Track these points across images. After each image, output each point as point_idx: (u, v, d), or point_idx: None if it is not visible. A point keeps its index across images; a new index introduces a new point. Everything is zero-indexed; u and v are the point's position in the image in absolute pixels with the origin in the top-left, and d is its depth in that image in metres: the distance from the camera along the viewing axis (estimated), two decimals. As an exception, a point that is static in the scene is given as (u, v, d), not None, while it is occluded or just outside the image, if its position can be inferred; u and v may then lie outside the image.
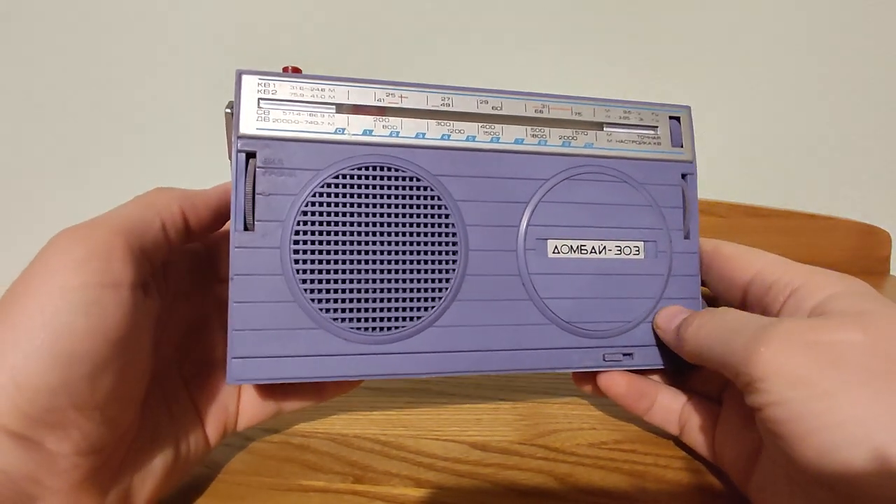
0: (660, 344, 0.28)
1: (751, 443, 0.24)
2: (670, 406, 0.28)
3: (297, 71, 0.27)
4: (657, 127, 0.29)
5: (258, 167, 0.24)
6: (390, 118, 0.26)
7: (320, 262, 0.24)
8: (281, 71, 0.27)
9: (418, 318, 0.25)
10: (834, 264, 0.26)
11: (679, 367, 0.28)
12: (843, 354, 0.19)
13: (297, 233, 0.24)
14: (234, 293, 0.23)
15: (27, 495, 0.18)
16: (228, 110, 0.25)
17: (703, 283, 0.30)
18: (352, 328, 0.24)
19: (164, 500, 0.23)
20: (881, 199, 0.52)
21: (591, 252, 0.27)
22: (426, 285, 0.25)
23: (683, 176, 0.29)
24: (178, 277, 0.25)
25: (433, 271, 0.25)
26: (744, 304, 0.26)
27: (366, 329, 0.24)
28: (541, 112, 0.27)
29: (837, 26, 0.50)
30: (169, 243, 0.23)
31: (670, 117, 0.29)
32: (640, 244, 0.28)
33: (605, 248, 0.28)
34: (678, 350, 0.26)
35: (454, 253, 0.26)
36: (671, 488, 0.25)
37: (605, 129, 0.28)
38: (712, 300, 0.30)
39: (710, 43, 0.50)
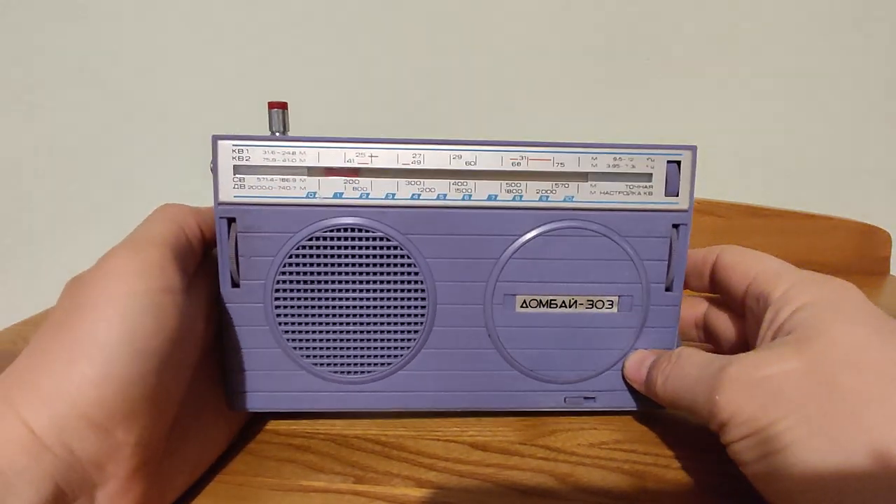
0: (629, 388, 0.29)
1: None
2: None
3: (282, 106, 0.28)
4: (651, 174, 0.27)
5: (238, 232, 0.26)
6: (361, 179, 0.26)
7: (299, 315, 0.27)
8: (267, 109, 0.28)
9: (388, 363, 0.28)
10: (834, 264, 0.26)
11: (654, 406, 0.29)
12: (780, 386, 0.21)
13: (276, 290, 0.27)
14: (228, 342, 0.27)
15: (90, 481, 0.20)
16: (212, 166, 0.27)
17: (712, 292, 0.30)
18: (330, 371, 0.28)
19: None
20: (881, 199, 0.51)
21: (561, 306, 0.28)
22: (396, 336, 0.27)
23: (675, 226, 0.27)
24: (208, 282, 0.27)
25: (402, 324, 0.27)
26: (742, 313, 0.27)
27: (342, 372, 0.28)
28: (518, 164, 0.26)
29: (837, 26, 0.47)
30: (194, 254, 0.26)
31: (668, 161, 0.27)
32: (615, 298, 0.28)
33: (576, 302, 0.28)
34: (657, 401, 0.27)
35: (423, 307, 0.27)
36: (671, 488, 0.25)
37: (589, 179, 0.27)
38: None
39: (710, 42, 0.49)
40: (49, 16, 0.52)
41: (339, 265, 0.26)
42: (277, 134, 0.27)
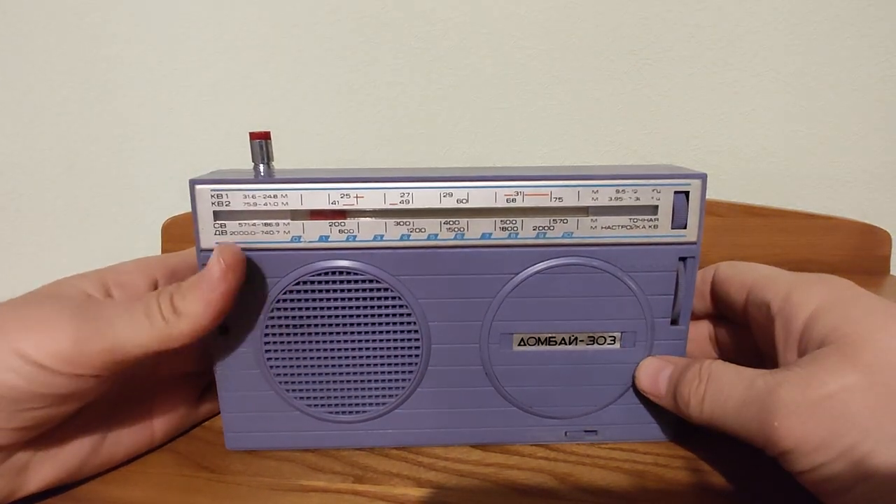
0: (632, 422, 0.28)
1: None
2: None
3: (265, 136, 0.26)
4: (656, 207, 0.25)
5: (223, 278, 0.25)
6: (347, 221, 0.25)
7: (290, 358, 0.26)
8: (250, 136, 0.26)
9: (383, 403, 0.27)
10: (834, 264, 0.26)
11: (658, 438, 0.28)
12: (845, 404, 0.20)
13: (266, 335, 0.26)
14: (220, 385, 0.27)
15: None
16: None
17: (713, 310, 0.29)
18: (324, 411, 0.27)
19: (164, 501, 0.25)
20: (881, 199, 0.50)
21: (561, 343, 0.27)
22: (389, 377, 0.27)
23: (682, 259, 0.26)
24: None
25: (396, 364, 0.27)
26: (747, 325, 0.27)
27: (336, 412, 0.27)
28: (513, 200, 0.24)
29: (837, 25, 0.46)
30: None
31: (676, 192, 0.25)
32: (617, 334, 0.27)
33: (576, 339, 0.27)
34: (683, 417, 0.25)
35: (416, 347, 0.26)
36: (671, 488, 0.25)
37: (589, 214, 0.25)
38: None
39: (710, 42, 0.48)
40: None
41: (329, 308, 0.26)
42: (261, 166, 0.26)
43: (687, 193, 0.25)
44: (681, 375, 0.25)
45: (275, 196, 0.24)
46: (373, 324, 0.26)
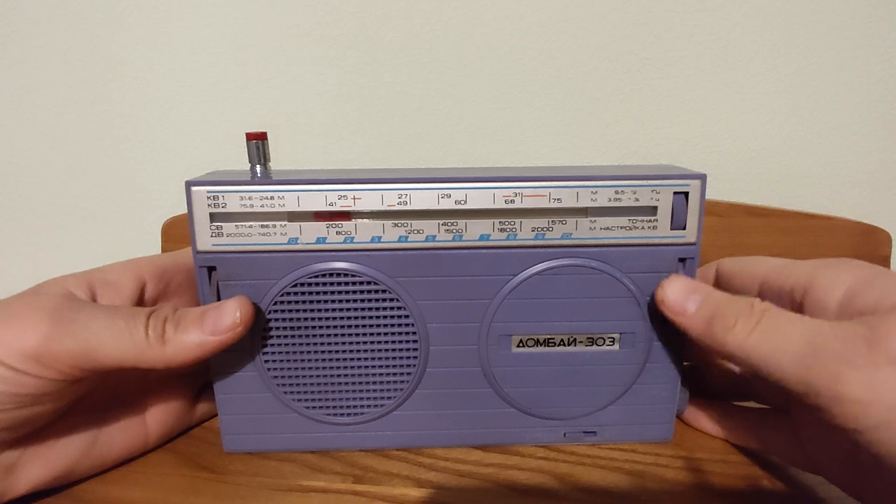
0: (631, 422, 0.28)
1: (848, 447, 0.23)
2: (746, 427, 0.28)
3: (261, 137, 0.26)
4: (655, 208, 0.25)
5: (220, 280, 0.25)
6: (344, 223, 0.25)
7: (287, 360, 0.26)
8: (246, 137, 0.26)
9: (381, 405, 0.27)
10: None
11: (657, 439, 0.28)
12: None
13: (263, 338, 0.26)
14: (218, 388, 0.27)
15: None
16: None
17: None
18: (322, 413, 0.27)
19: (164, 501, 0.25)
20: (881, 199, 0.50)
21: (560, 345, 0.27)
22: (387, 379, 0.27)
23: (682, 260, 0.26)
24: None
25: (394, 366, 0.26)
26: None
27: (334, 414, 0.27)
28: (511, 202, 0.24)
29: (837, 25, 0.46)
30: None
31: (675, 192, 0.25)
32: (616, 335, 0.26)
33: (575, 340, 0.27)
34: (708, 345, 0.23)
35: (415, 350, 0.26)
36: (671, 488, 0.25)
37: (588, 215, 0.25)
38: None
39: (710, 41, 0.48)
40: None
41: (326, 310, 0.25)
42: (258, 167, 0.26)
43: (686, 194, 0.25)
44: (727, 302, 0.23)
45: (271, 198, 0.24)
46: (371, 326, 0.26)
